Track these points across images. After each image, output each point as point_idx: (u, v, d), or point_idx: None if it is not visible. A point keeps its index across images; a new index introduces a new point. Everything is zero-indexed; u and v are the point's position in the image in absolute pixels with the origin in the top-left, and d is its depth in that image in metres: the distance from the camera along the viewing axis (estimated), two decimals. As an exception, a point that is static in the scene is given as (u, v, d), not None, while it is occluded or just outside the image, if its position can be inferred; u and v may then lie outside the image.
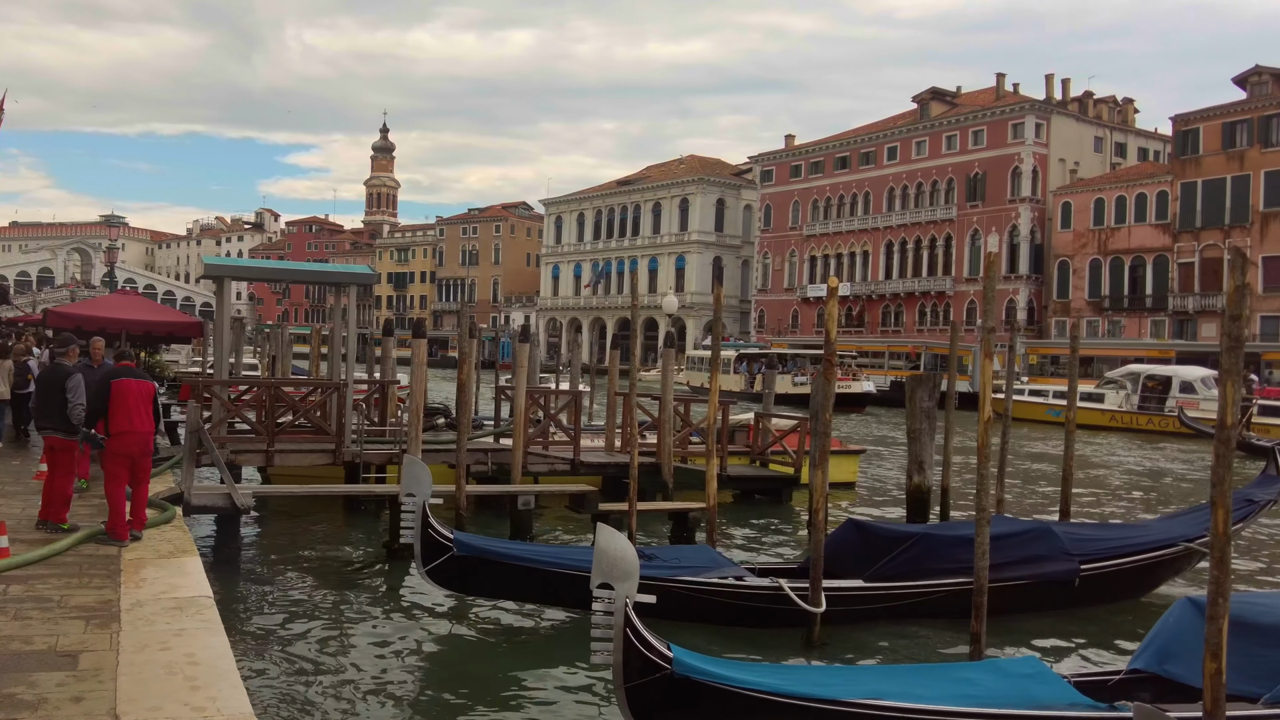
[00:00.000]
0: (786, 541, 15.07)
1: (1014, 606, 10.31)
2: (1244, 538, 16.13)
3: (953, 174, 67.36)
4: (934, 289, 67.45)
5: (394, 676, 8.58)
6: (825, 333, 10.18)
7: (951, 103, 70.99)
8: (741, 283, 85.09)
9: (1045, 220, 63.52)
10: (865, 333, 70.17)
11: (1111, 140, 68.23)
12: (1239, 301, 6.42)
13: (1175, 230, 56.77)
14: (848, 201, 74.44)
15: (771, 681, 6.49)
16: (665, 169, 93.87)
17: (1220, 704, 6.16)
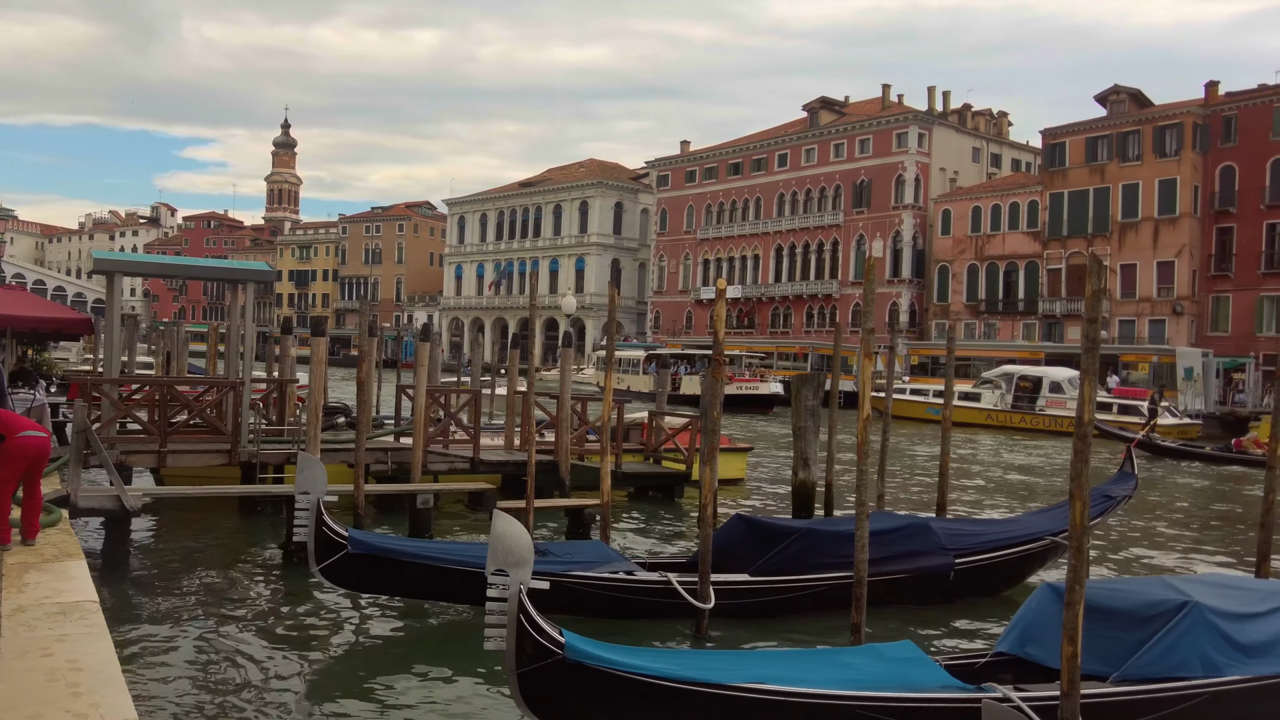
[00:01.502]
0: (678, 536, 15.13)
1: (893, 598, 10.54)
2: (1104, 530, 16.75)
3: (840, 181, 68.51)
4: (821, 292, 68.53)
5: (288, 677, 8.37)
6: (714, 333, 10.23)
7: (840, 112, 72.22)
8: (639, 284, 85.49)
9: (927, 226, 64.98)
10: (755, 334, 71.02)
11: (988, 151, 70.15)
12: (1095, 306, 6.67)
13: (1044, 238, 58.63)
14: (740, 206, 75.20)
15: (660, 667, 6.49)
16: (566, 172, 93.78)
17: (1075, 683, 6.39)
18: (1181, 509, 21.20)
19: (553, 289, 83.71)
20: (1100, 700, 6.94)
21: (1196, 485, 25.34)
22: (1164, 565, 14.74)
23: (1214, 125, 53.04)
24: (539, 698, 6.27)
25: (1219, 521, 19.21)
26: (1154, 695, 7.11)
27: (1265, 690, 7.38)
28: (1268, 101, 51.40)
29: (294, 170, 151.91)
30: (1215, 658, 7.33)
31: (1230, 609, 7.67)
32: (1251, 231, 51.55)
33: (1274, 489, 10.79)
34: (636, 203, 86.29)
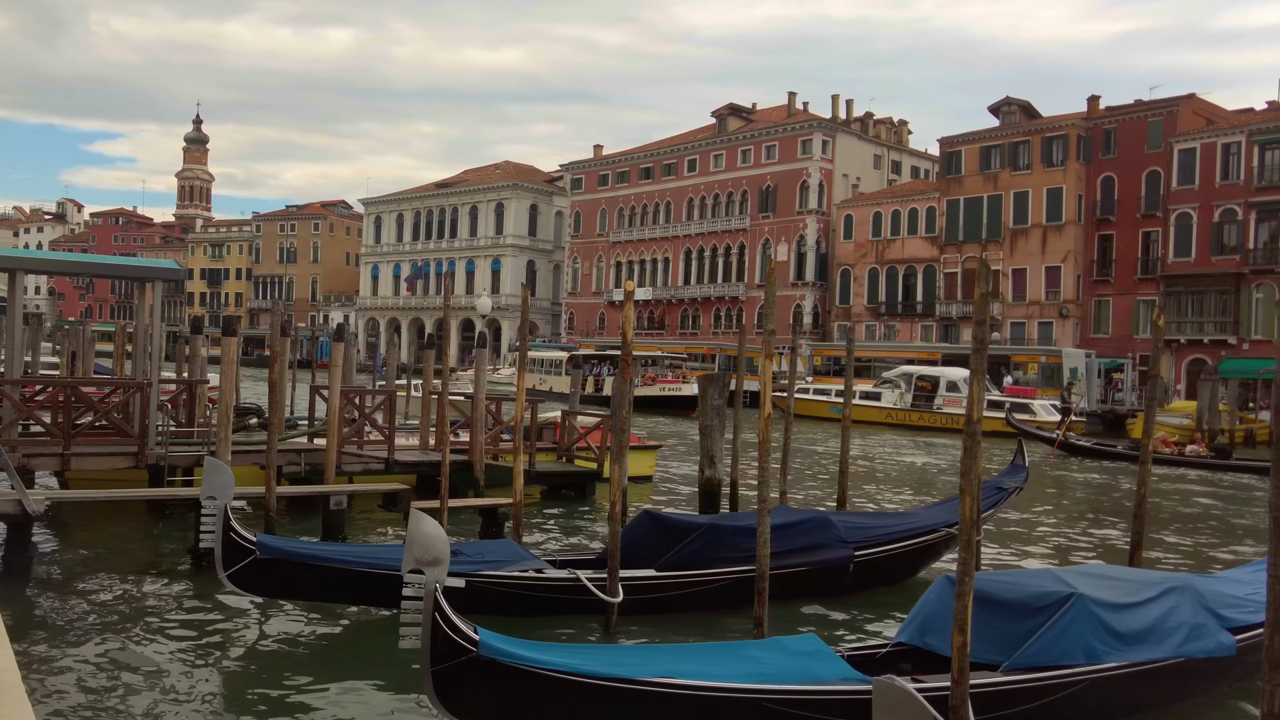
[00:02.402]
0: (590, 534, 15.08)
1: (795, 591, 10.62)
2: (1007, 521, 17.13)
3: (747, 186, 69.13)
4: (728, 294, 69.10)
5: (197, 685, 8.08)
6: (622, 334, 10.21)
7: (747, 119, 72.86)
8: (553, 286, 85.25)
9: (830, 231, 65.90)
10: (665, 335, 71.34)
11: (889, 158, 71.44)
12: (983, 309, 6.80)
13: (942, 243, 59.91)
14: (651, 210, 75.43)
15: (573, 662, 6.45)
16: (482, 173, 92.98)
17: (965, 672, 6.49)
18: (1080, 502, 21.78)
19: (469, 290, 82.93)
20: (990, 689, 7.08)
21: (1098, 480, 25.98)
22: (1057, 556, 15.09)
23: (1096, 138, 54.76)
24: (454, 695, 6.19)
25: (1113, 515, 19.75)
26: (1040, 683, 7.28)
27: (1140, 675, 7.62)
28: (1143, 116, 53.22)
29: (206, 167, 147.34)
30: (1096, 646, 7.55)
31: (1110, 599, 7.89)
32: (1129, 239, 53.33)
33: (1145, 483, 11.16)
34: (551, 205, 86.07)
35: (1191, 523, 19.28)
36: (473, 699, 6.24)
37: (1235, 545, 16.79)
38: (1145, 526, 11.20)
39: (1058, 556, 15.16)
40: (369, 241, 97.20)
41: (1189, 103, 53.06)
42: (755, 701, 6.51)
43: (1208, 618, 8.13)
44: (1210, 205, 50.26)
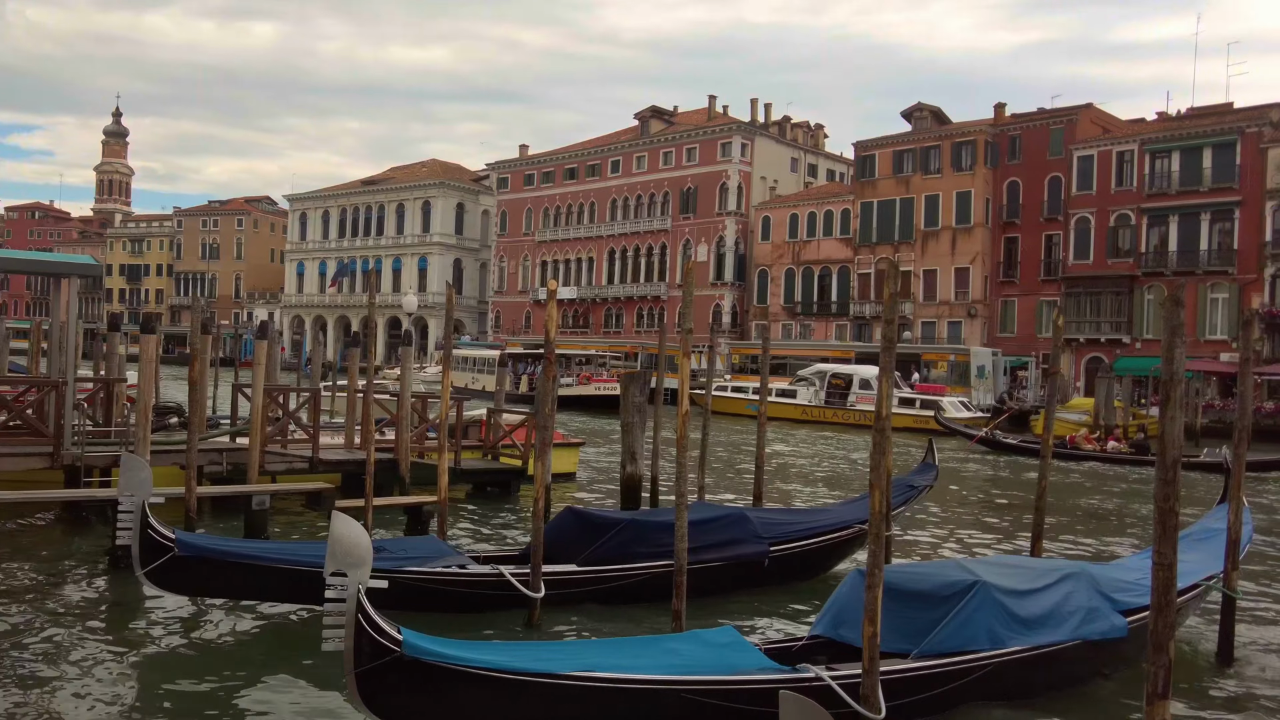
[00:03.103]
0: (514, 530, 14.99)
1: (712, 585, 10.67)
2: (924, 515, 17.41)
3: (669, 187, 69.36)
4: (650, 294, 69.29)
5: (115, 687, 7.83)
6: (545, 333, 10.17)
7: (669, 121, 73.07)
8: (480, 284, 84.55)
9: (748, 232, 66.40)
10: (589, 333, 71.28)
11: (805, 161, 72.20)
12: (892, 309, 6.93)
13: (856, 244, 60.74)
14: (576, 210, 75.29)
15: (496, 659, 6.42)
16: (408, 171, 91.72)
17: (875, 661, 6.62)
18: (999, 496, 22.16)
19: (396, 288, 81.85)
20: (900, 676, 7.22)
21: (1009, 476, 26.43)
22: (973, 548, 15.31)
23: (1002, 144, 55.95)
24: (378, 696, 6.09)
25: (1028, 509, 20.15)
26: (948, 668, 7.45)
27: (1041, 658, 7.85)
28: (1045, 124, 54.54)
29: (126, 160, 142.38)
30: (1000, 631, 7.75)
31: (1012, 587, 8.11)
32: (1033, 242, 54.60)
33: (1045, 476, 11.47)
34: (478, 204, 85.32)
35: (1102, 514, 19.85)
36: (397, 699, 6.17)
37: (1138, 535, 17.31)
38: (1044, 518, 11.49)
39: (973, 548, 15.40)
40: (294, 238, 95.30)
41: (1087, 112, 54.51)
42: (675, 692, 6.55)
43: (1101, 602, 8.41)
44: (1106, 210, 51.74)
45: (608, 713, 6.50)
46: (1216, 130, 48.88)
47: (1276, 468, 28.80)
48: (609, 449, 27.44)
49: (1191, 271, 48.32)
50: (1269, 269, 46.57)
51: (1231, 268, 47.56)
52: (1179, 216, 49.29)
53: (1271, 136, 47.03)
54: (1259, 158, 47.09)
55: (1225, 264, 47.77)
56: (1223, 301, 47.63)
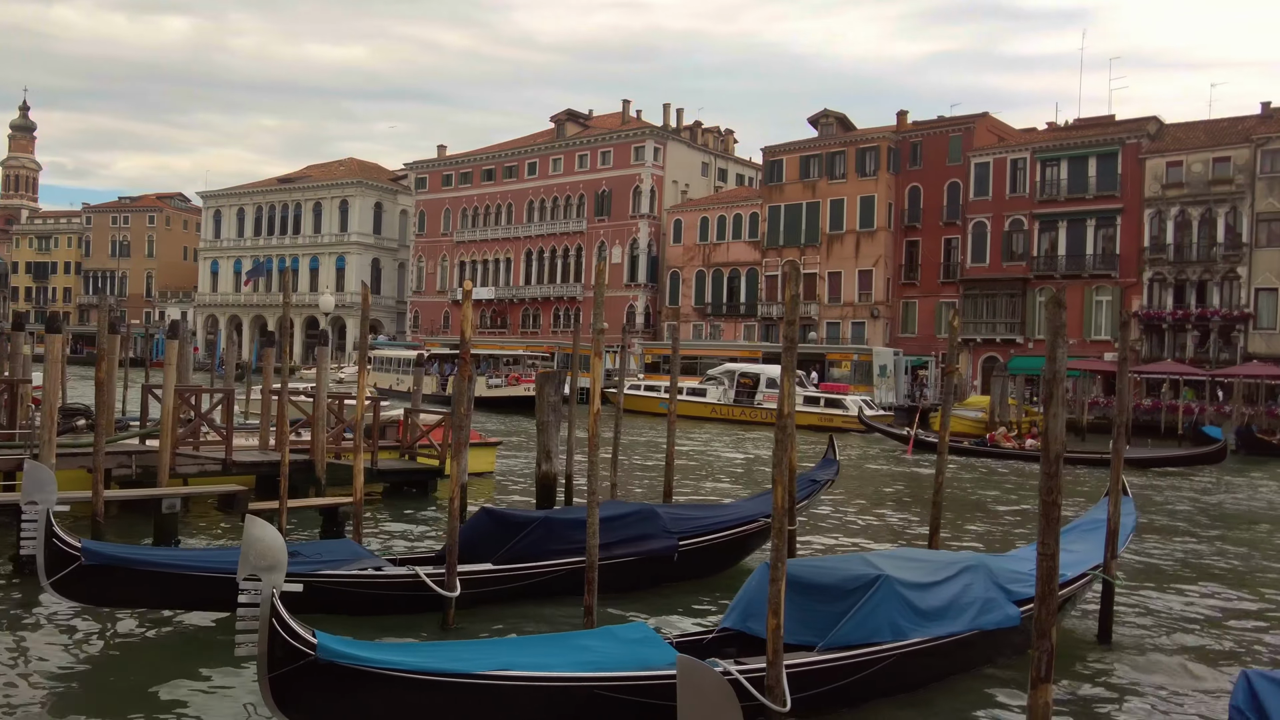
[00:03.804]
0: (431, 530, 14.77)
1: (624, 580, 10.68)
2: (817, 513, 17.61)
3: (584, 190, 69.23)
4: (567, 294, 69.08)
5: (20, 700, 7.45)
6: (461, 333, 10.05)
7: (584, 125, 72.91)
8: (398, 284, 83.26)
9: (661, 235, 66.62)
10: (507, 334, 70.82)
11: (715, 166, 72.69)
12: (793, 309, 7.01)
13: (764, 247, 61.36)
14: (493, 211, 74.67)
15: (411, 660, 6.32)
16: (326, 169, 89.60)
17: (779, 653, 6.66)
18: (914, 492, 22.41)
19: (313, 287, 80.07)
20: (805, 668, 7.28)
21: (928, 473, 26.74)
22: (878, 541, 15.51)
23: (904, 150, 57.04)
24: (292, 700, 5.95)
25: (944, 504, 20.47)
26: (852, 660, 7.53)
27: (941, 648, 8.00)
28: (944, 132, 55.77)
29: (33, 155, 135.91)
30: (902, 623, 7.87)
31: (913, 580, 8.24)
32: (933, 245, 55.79)
33: (941, 471, 11.71)
34: (396, 204, 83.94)
35: (1012, 509, 20.28)
36: (311, 703, 6.03)
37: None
38: (941, 512, 11.74)
39: (885, 541, 15.59)
40: (208, 236, 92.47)
41: (983, 121, 55.89)
42: (589, 689, 6.53)
43: (997, 593, 8.61)
44: (1001, 215, 53.13)
45: (522, 711, 6.45)
46: (1100, 141, 50.56)
47: (1173, 463, 29.69)
48: (533, 448, 27.25)
49: (1079, 275, 49.93)
50: (1147, 273, 48.34)
51: (1114, 271, 49.24)
52: (1067, 222, 50.87)
53: (1149, 148, 48.84)
54: (1138, 168, 48.86)
55: (1109, 268, 49.44)
56: (1107, 304, 49.30)
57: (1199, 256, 46.95)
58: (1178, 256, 47.46)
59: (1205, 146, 47.43)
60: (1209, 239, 46.75)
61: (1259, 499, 23.58)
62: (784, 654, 6.81)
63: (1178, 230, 47.57)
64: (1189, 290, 47.28)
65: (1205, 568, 14.48)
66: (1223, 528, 18.71)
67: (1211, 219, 46.72)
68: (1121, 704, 8.22)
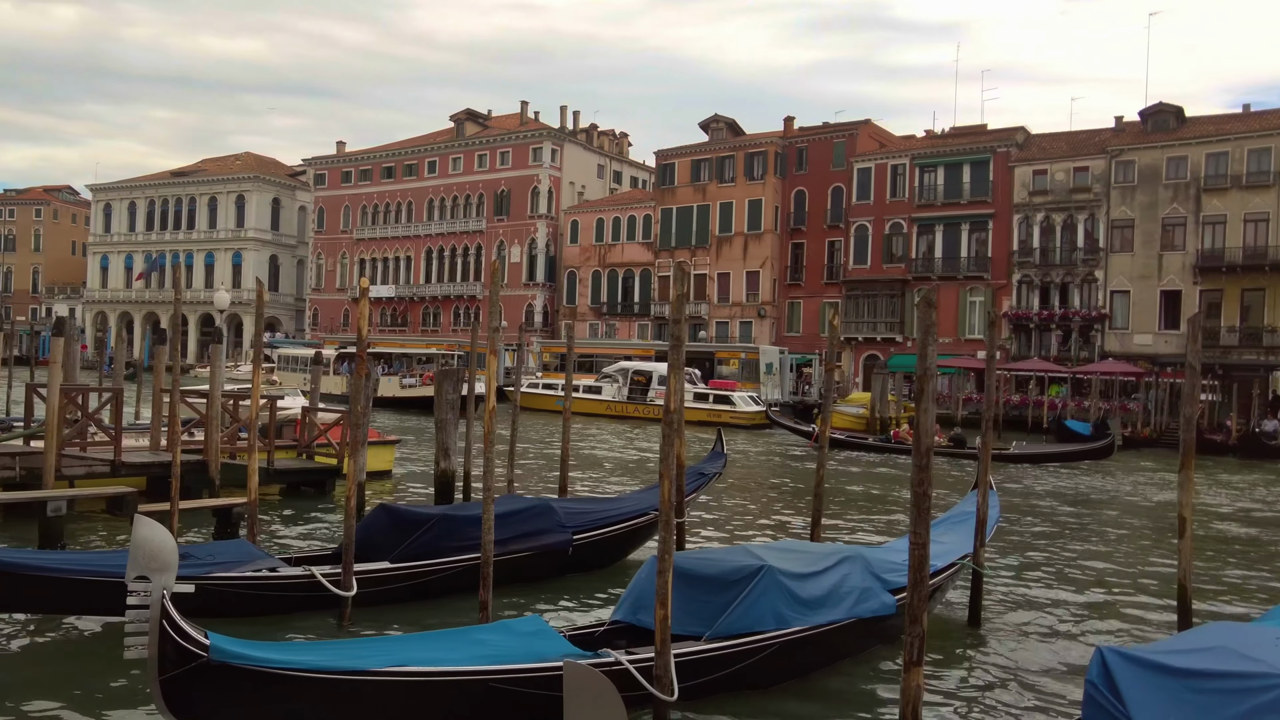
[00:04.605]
0: (328, 530, 14.46)
1: (520, 575, 10.66)
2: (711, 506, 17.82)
3: (483, 190, 68.56)
4: (467, 293, 68.34)
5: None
6: (358, 331, 9.88)
7: (484, 125, 72.13)
8: (297, 281, 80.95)
9: (558, 235, 66.41)
10: (408, 332, 69.69)
11: (611, 168, 72.73)
12: (679, 308, 7.11)
13: (657, 248, 61.72)
14: (393, 209, 73.36)
15: (306, 659, 6.19)
16: (222, 164, 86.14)
17: (667, 643, 6.74)
18: (799, 486, 22.54)
19: (208, 283, 77.21)
20: (692, 657, 7.38)
21: (844, 472, 26.60)
22: (766, 535, 15.64)
23: (790, 155, 57.98)
24: (184, 703, 5.78)
25: (837, 496, 20.53)
26: (737, 649, 7.65)
27: (821, 636, 8.17)
28: (829, 138, 56.87)
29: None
30: (785, 612, 8.02)
31: (795, 570, 8.39)
32: (817, 247, 56.86)
33: (823, 465, 11.98)
34: (294, 200, 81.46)
35: (903, 503, 20.72)
36: (204, 705, 5.87)
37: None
38: (822, 504, 12.00)
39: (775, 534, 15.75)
40: (98, 230, 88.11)
41: (866, 128, 57.12)
42: (483, 682, 6.51)
43: (873, 582, 8.83)
44: (882, 219, 54.48)
45: (418, 706, 6.40)
46: (973, 149, 52.29)
47: (1067, 458, 30.42)
48: (422, 445, 26.91)
49: (954, 277, 51.57)
50: (1016, 275, 50.23)
51: (986, 274, 50.99)
52: (943, 226, 52.47)
53: (1017, 156, 50.74)
54: (1008, 175, 50.71)
55: (981, 270, 51.17)
56: (979, 304, 51.01)
57: (1062, 260, 48.97)
58: (1043, 260, 49.41)
59: (1067, 156, 49.48)
60: (1070, 244, 48.82)
61: (1122, 489, 24.39)
62: (672, 644, 6.91)
63: (1043, 235, 49.53)
64: (1053, 292, 49.28)
65: (1068, 555, 15.02)
66: (1085, 517, 19.47)
67: (1073, 225, 48.79)
68: (989, 684, 8.52)
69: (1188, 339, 9.40)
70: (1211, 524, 18.73)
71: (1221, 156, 45.03)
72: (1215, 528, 18.40)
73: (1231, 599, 12.24)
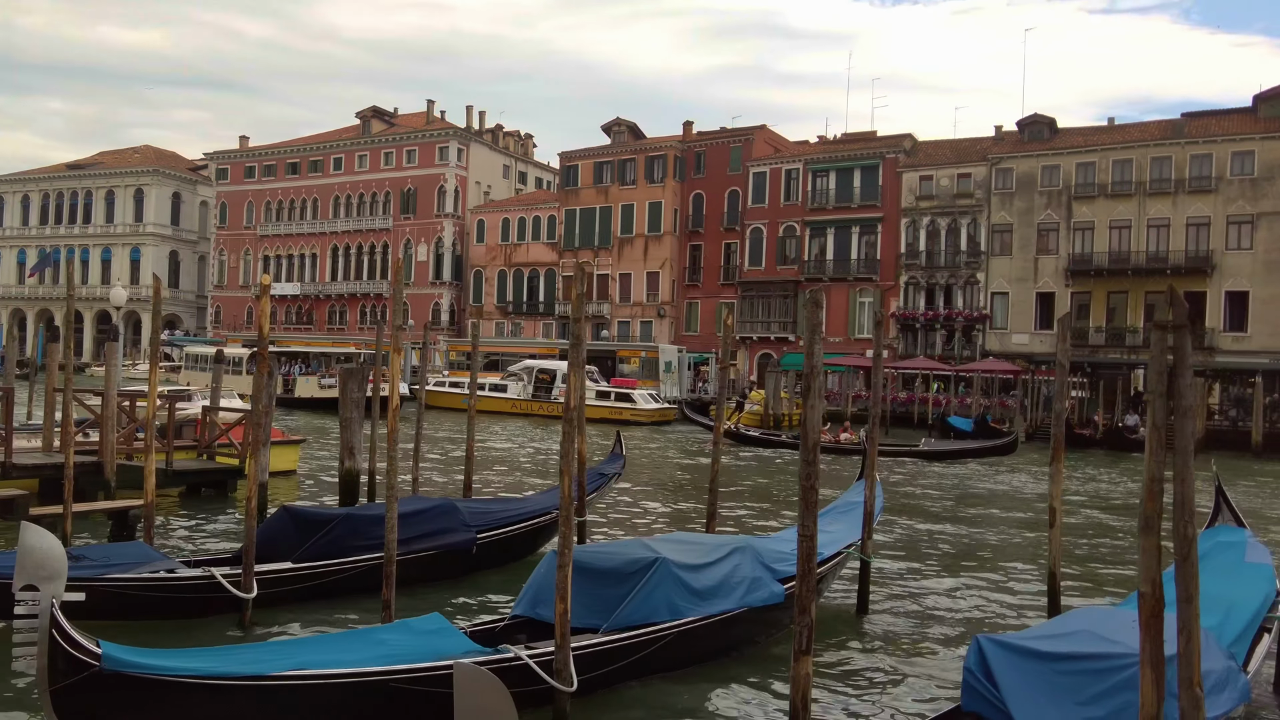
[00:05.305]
0: (230, 532, 14.04)
1: (424, 574, 10.55)
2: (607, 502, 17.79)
3: (390, 188, 67.33)
4: (373, 291, 67.03)
5: None
6: (259, 329, 9.63)
7: (390, 122, 70.74)
8: (198, 278, 78.05)
9: (465, 234, 65.67)
10: (313, 330, 68.03)
11: (516, 169, 72.15)
12: (579, 307, 7.14)
13: (561, 249, 61.53)
14: (298, 206, 71.43)
15: (202, 665, 6.02)
16: (120, 156, 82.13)
17: (567, 637, 6.78)
18: (700, 480, 22.53)
19: (105, 279, 73.85)
20: (590, 650, 7.42)
21: (733, 465, 26.77)
22: (668, 528, 15.66)
23: (689, 159, 58.34)
24: (76, 714, 5.57)
25: (736, 490, 20.73)
26: (633, 640, 7.71)
27: (713, 626, 8.30)
28: (726, 142, 57.34)
29: None
30: (678, 603, 8.11)
31: (688, 562, 8.49)
32: (714, 249, 57.30)
33: (717, 460, 12.15)
34: (196, 194, 78.29)
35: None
36: (98, 715, 5.67)
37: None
38: (717, 498, 12.15)
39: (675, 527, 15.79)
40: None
41: (761, 133, 57.78)
42: (384, 683, 6.44)
43: (764, 572, 8.99)
44: (776, 222, 55.27)
45: (319, 710, 6.29)
46: (863, 155, 53.41)
47: (972, 455, 30.97)
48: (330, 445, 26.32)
49: (845, 278, 52.66)
50: (904, 277, 51.57)
51: (875, 275, 52.18)
52: (835, 229, 53.50)
53: (905, 162, 52.09)
54: (896, 180, 52.02)
55: (871, 272, 52.35)
56: (869, 305, 52.18)
57: (946, 263, 50.44)
58: (929, 263, 50.82)
59: (951, 163, 51.00)
60: (954, 247, 50.33)
61: (1004, 484, 25.05)
62: (571, 637, 6.93)
63: (929, 239, 50.94)
64: (938, 293, 50.73)
65: (953, 545, 15.48)
66: (970, 510, 20.02)
67: (957, 229, 50.30)
68: (876, 671, 8.73)
69: (1058, 339, 9.81)
70: (1080, 512, 19.55)
71: (1090, 166, 47.02)
72: (1086, 516, 19.22)
73: (1098, 585, 12.82)
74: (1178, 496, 4.56)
